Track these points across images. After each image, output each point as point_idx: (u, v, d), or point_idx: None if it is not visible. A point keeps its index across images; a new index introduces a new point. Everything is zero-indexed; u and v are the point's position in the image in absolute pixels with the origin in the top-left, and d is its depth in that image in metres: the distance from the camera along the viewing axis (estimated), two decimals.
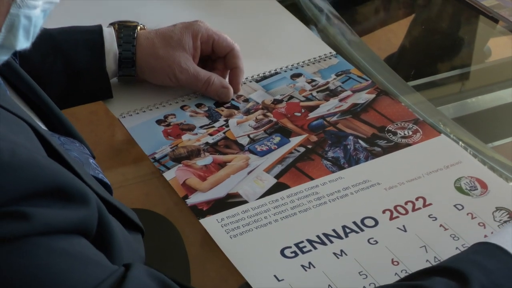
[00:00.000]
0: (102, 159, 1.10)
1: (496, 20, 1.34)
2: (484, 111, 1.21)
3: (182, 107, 1.09)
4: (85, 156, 0.79)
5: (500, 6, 1.35)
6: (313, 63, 1.19)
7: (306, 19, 1.32)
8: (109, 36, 1.05)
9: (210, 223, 0.90)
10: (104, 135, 1.15)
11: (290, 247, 0.86)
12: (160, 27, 1.10)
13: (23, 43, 0.63)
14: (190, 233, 0.96)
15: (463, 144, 1.03)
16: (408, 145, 1.02)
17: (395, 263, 0.84)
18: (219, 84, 1.09)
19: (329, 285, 0.81)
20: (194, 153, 1.01)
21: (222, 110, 1.08)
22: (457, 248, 0.86)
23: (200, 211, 0.91)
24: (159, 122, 1.06)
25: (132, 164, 1.10)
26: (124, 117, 1.07)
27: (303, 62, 1.19)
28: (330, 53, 1.21)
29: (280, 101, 1.11)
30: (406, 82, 1.18)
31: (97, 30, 1.05)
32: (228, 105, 1.09)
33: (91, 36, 1.04)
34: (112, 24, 1.08)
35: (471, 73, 1.35)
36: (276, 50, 1.23)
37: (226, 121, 1.07)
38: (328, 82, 1.15)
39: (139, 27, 1.08)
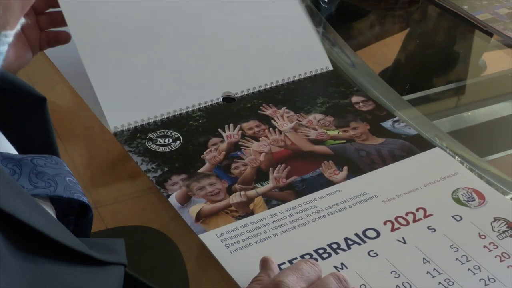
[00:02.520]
0: (97, 174, 1.10)
1: (490, 34, 1.34)
2: (479, 125, 1.22)
3: None
4: (62, 175, 0.77)
5: (495, 20, 1.36)
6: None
7: None
8: None
9: (209, 238, 0.89)
10: (99, 150, 1.15)
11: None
12: None
13: None
14: (187, 248, 0.96)
15: (459, 159, 1.03)
16: (403, 157, 1.03)
17: (396, 275, 0.84)
18: None
19: None
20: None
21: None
22: (457, 259, 0.86)
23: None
24: None
25: (128, 180, 1.10)
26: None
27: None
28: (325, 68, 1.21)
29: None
30: (401, 97, 1.18)
31: None
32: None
33: None
34: None
35: (466, 87, 1.36)
36: (269, 67, 1.22)
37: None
38: None
39: None
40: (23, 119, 0.81)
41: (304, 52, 1.21)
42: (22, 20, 0.63)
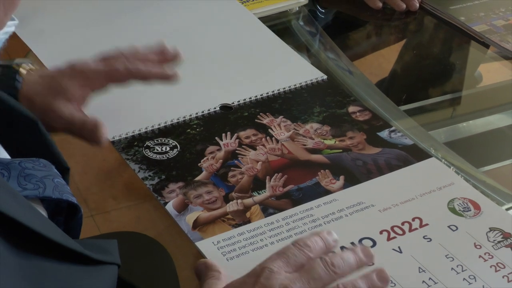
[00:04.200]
0: (93, 182, 1.10)
1: (487, 46, 1.35)
2: (475, 136, 1.22)
3: None
4: (51, 176, 0.77)
5: (491, 31, 1.37)
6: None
7: (299, 44, 1.33)
8: None
9: (206, 245, 0.89)
10: (95, 158, 1.15)
11: None
12: None
13: None
14: (182, 256, 0.96)
15: (455, 169, 1.03)
16: (400, 167, 1.03)
17: (392, 284, 0.84)
18: (91, 126, 1.00)
19: None
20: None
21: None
22: (452, 269, 0.86)
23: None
24: None
25: (124, 188, 1.10)
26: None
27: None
28: (322, 77, 1.22)
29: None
30: (398, 107, 1.19)
31: None
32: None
33: None
34: None
35: (462, 98, 1.36)
36: (266, 76, 1.23)
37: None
38: None
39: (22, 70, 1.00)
40: (19, 137, 0.82)
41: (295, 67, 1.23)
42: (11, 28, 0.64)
